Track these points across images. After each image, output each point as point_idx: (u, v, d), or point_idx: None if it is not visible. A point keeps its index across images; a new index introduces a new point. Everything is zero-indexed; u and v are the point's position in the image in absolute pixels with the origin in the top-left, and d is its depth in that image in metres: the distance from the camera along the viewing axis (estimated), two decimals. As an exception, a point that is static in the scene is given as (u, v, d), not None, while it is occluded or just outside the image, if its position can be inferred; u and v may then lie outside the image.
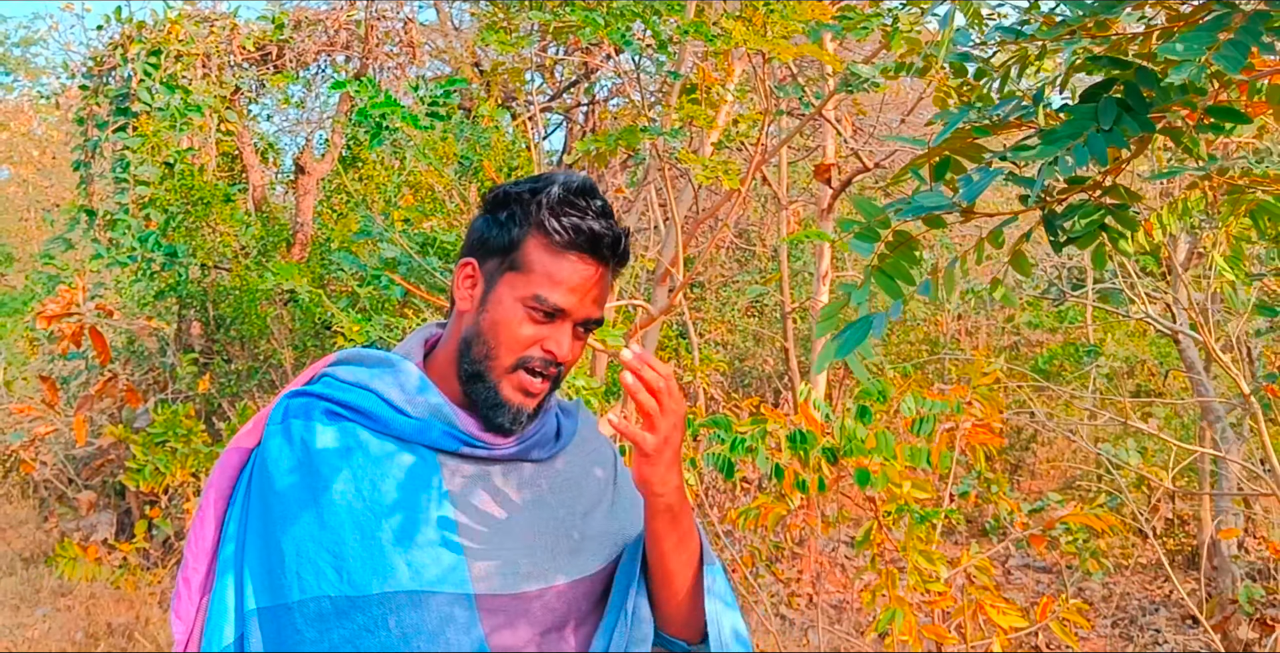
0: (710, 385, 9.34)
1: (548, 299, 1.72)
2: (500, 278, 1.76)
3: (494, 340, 1.75)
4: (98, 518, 8.84)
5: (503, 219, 1.76)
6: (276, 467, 1.74)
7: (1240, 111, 1.46)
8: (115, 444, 8.60)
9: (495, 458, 1.79)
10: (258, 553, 1.73)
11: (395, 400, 1.75)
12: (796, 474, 3.69)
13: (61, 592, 8.16)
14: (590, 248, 1.75)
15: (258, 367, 8.81)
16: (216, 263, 8.80)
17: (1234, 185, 1.91)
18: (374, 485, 1.69)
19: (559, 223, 1.73)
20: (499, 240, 1.76)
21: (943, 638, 4.39)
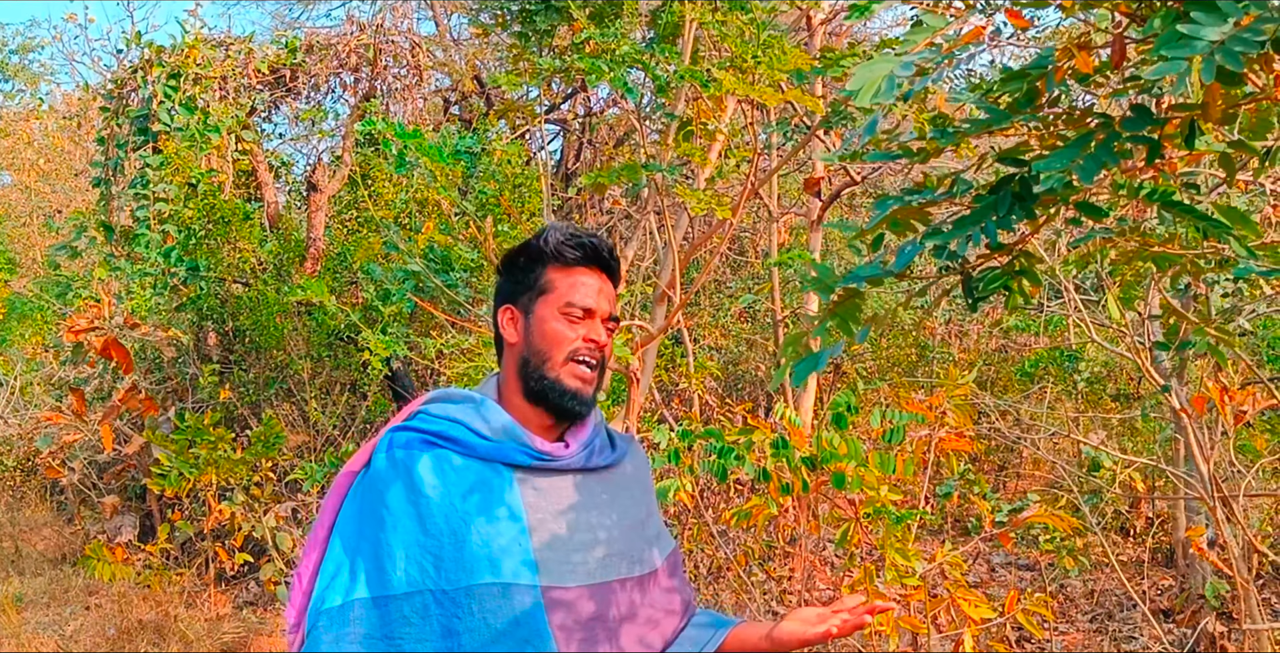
0: (705, 391, 9.71)
1: (577, 303, 2.26)
2: (534, 306, 2.28)
3: (546, 346, 2.27)
4: (121, 521, 9.24)
5: (520, 266, 2.31)
6: (386, 486, 2.19)
7: (1099, 208, 1.90)
8: (138, 451, 9.01)
9: (561, 469, 2.27)
10: (368, 552, 2.17)
11: (476, 427, 2.23)
12: (781, 479, 4.13)
13: (90, 591, 8.57)
14: (593, 259, 2.30)
15: (274, 376, 9.22)
16: (235, 278, 9.22)
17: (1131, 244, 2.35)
18: (464, 498, 2.15)
19: (566, 249, 2.27)
20: (524, 283, 2.30)
21: (918, 629, 4.81)
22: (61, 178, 21.56)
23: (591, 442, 2.34)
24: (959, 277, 2.14)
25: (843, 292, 2.16)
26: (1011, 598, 5.08)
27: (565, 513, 2.24)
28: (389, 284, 5.81)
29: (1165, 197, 2.03)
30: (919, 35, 1.92)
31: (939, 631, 5.77)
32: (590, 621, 2.21)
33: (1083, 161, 1.78)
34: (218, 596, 8.27)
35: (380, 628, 2.13)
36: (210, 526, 8.00)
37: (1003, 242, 2.14)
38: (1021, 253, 2.17)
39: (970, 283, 2.12)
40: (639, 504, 2.41)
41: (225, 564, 7.97)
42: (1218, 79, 1.69)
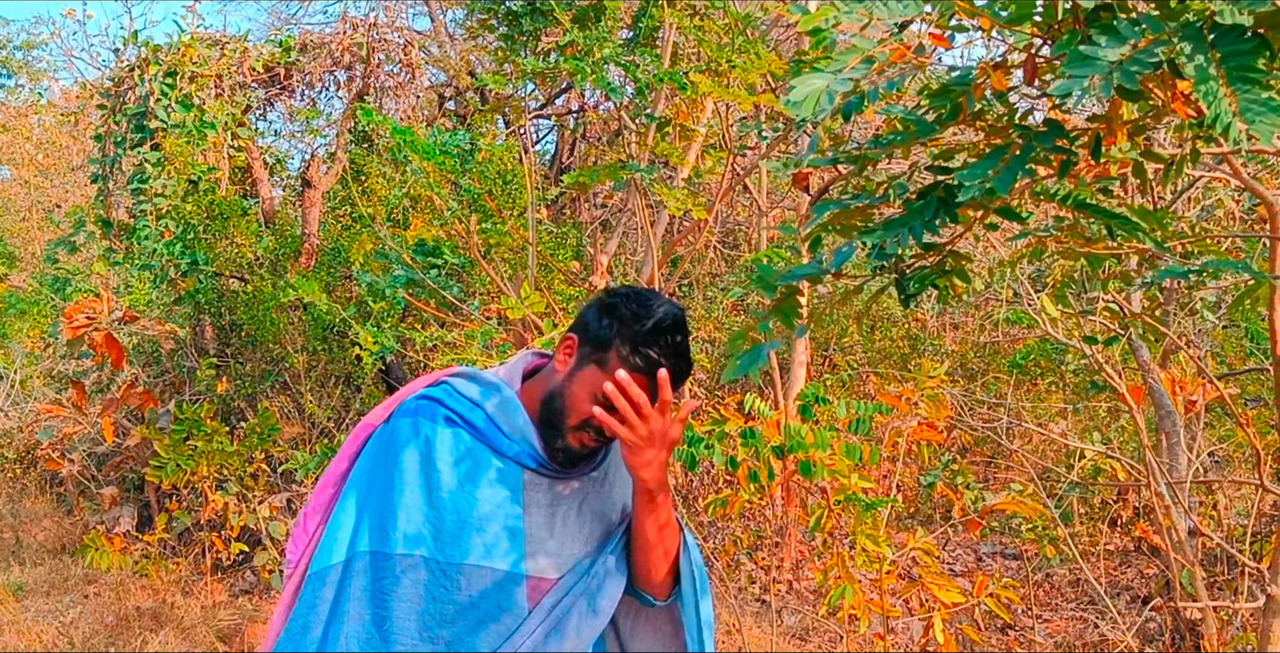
0: (694, 384, 9.86)
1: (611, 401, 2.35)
2: (588, 364, 2.36)
3: (567, 407, 2.37)
4: (119, 512, 9.41)
5: (605, 323, 2.36)
6: (403, 449, 2.36)
7: (1016, 212, 2.07)
8: (137, 444, 9.17)
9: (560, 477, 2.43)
10: (375, 508, 2.35)
11: (498, 421, 2.39)
12: (750, 467, 4.29)
13: (89, 580, 8.74)
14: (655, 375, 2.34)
15: (270, 369, 9.39)
16: (232, 273, 9.38)
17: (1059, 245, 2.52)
18: (473, 482, 2.33)
19: (638, 355, 2.32)
20: (597, 335, 2.37)
21: (890, 612, 4.97)
22: (60, 173, 21.68)
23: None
24: (893, 275, 2.31)
25: (784, 289, 2.33)
26: (981, 583, 5.22)
27: (559, 512, 2.43)
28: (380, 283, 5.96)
29: (1078, 200, 2.19)
30: (848, 55, 2.09)
31: (911, 614, 5.95)
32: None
33: (999, 173, 1.95)
34: (214, 584, 8.43)
35: (374, 582, 2.31)
36: (207, 516, 8.16)
37: (932, 243, 2.30)
38: (950, 253, 2.34)
39: (902, 281, 2.29)
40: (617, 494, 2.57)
41: (221, 554, 8.13)
42: (1118, 95, 1.86)
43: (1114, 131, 2.03)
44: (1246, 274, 2.71)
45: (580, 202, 12.63)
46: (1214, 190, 7.19)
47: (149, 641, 7.17)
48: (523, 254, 8.16)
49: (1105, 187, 2.33)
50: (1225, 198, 6.45)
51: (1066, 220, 2.73)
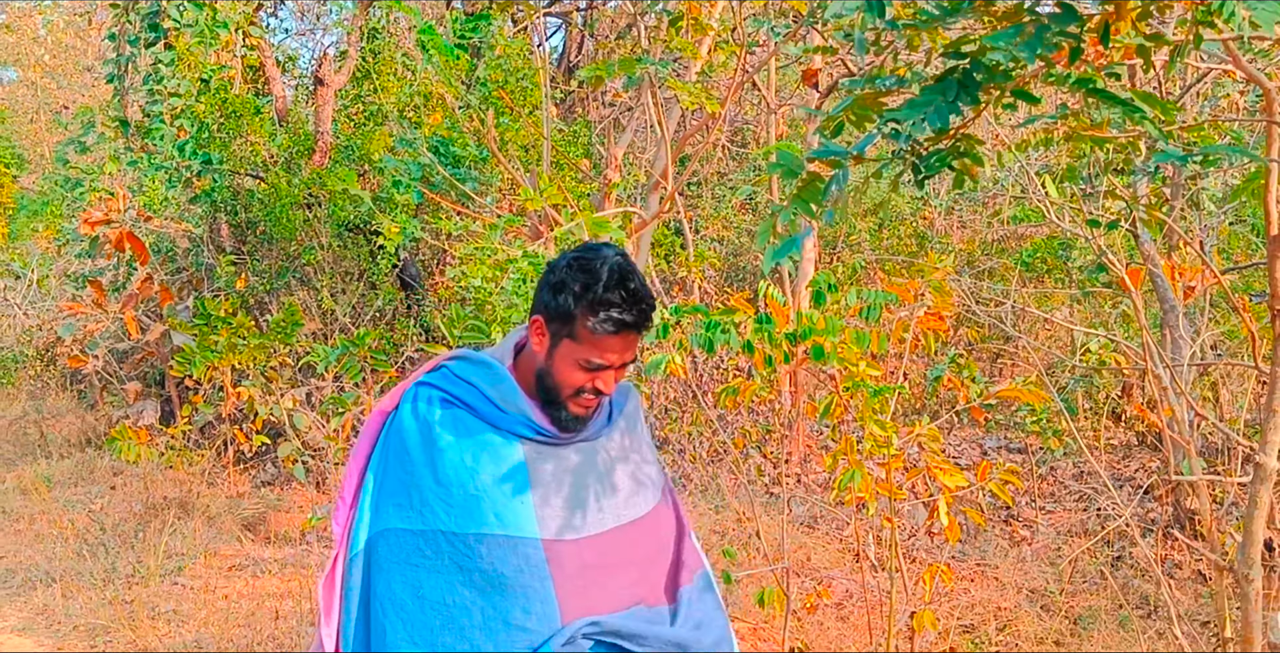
0: (704, 280, 9.98)
1: (594, 361, 2.47)
2: (560, 341, 2.49)
3: (558, 382, 2.51)
4: (142, 406, 9.61)
5: (561, 300, 2.48)
6: (408, 434, 2.53)
7: (1031, 94, 2.18)
8: (158, 339, 9.33)
9: (563, 443, 2.57)
10: (393, 491, 2.53)
11: (492, 397, 2.52)
12: (765, 353, 4.43)
13: (115, 472, 8.96)
14: (626, 328, 2.48)
15: (287, 266, 9.52)
16: (247, 171, 9.47)
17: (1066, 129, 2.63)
18: (475, 458, 2.48)
19: (599, 319, 2.44)
20: (558, 311, 2.48)
21: (895, 495, 5.14)
22: (68, 74, 21.62)
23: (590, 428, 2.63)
24: (910, 158, 2.42)
25: (806, 175, 2.45)
26: (984, 468, 5.38)
27: (564, 476, 2.57)
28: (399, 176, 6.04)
29: (1087, 84, 2.30)
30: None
31: (915, 497, 6.13)
32: (589, 568, 2.55)
33: (1025, 41, 2.05)
34: (237, 476, 8.65)
35: (400, 557, 2.49)
36: (228, 410, 8.35)
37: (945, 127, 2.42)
38: (964, 136, 2.45)
39: (918, 164, 2.40)
40: (631, 456, 2.71)
41: (244, 446, 8.33)
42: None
43: (1122, 16, 2.13)
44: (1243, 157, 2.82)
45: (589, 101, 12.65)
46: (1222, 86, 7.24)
47: (177, 528, 7.39)
48: (535, 151, 8.25)
49: (1112, 72, 2.43)
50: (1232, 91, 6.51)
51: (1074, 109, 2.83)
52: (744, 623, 6.27)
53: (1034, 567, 7.75)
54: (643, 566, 2.68)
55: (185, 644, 5.82)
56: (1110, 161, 3.35)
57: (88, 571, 6.80)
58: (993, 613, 6.91)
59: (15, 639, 6.01)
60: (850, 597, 6.93)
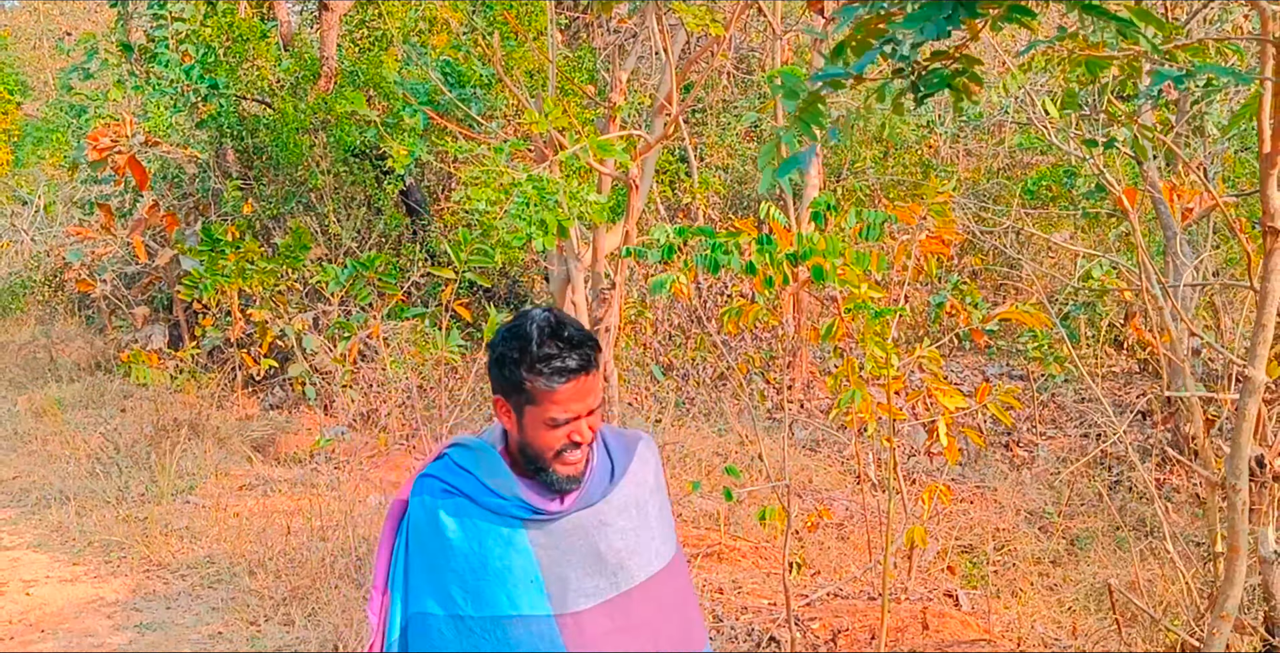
0: (708, 207, 10.02)
1: (559, 417, 2.52)
2: (524, 410, 2.55)
3: (536, 449, 2.57)
4: (151, 330, 9.69)
5: (505, 373, 2.54)
6: (420, 526, 2.65)
7: (1028, 8, 2.23)
8: (166, 263, 9.40)
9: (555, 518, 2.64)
10: (418, 577, 2.65)
11: (488, 484, 2.61)
12: (767, 274, 4.49)
13: (125, 395, 9.07)
14: (572, 375, 2.52)
15: (293, 191, 9.56)
16: (253, 96, 9.48)
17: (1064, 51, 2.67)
18: (481, 544, 2.59)
19: (545, 374, 2.50)
20: (510, 383, 2.55)
21: (895, 415, 5.21)
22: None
23: (586, 488, 2.67)
24: (910, 78, 2.47)
25: (807, 97, 2.50)
26: (983, 390, 5.45)
27: (571, 548, 2.64)
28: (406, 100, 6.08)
29: (1085, 3, 2.34)
30: None
31: (915, 418, 6.22)
32: (605, 634, 2.63)
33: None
34: (245, 399, 8.76)
35: (433, 635, 2.61)
36: (237, 334, 8.44)
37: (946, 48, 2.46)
38: (963, 56, 2.49)
39: (917, 85, 2.44)
40: (643, 512, 2.77)
41: (253, 370, 8.42)
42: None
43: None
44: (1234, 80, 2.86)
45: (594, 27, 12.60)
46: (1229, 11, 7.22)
47: (188, 449, 7.49)
48: (540, 76, 8.25)
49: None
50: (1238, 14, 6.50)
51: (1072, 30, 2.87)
52: (745, 542, 6.39)
53: (1033, 490, 7.86)
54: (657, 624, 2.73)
55: (198, 559, 5.94)
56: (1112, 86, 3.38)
57: (100, 490, 6.92)
58: (991, 534, 7.02)
59: (31, 555, 6.14)
60: (851, 518, 7.04)
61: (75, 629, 5.22)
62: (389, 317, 7.85)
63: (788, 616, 4.99)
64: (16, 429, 8.51)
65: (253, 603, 5.37)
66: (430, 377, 7.56)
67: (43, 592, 5.67)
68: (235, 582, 5.66)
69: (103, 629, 5.22)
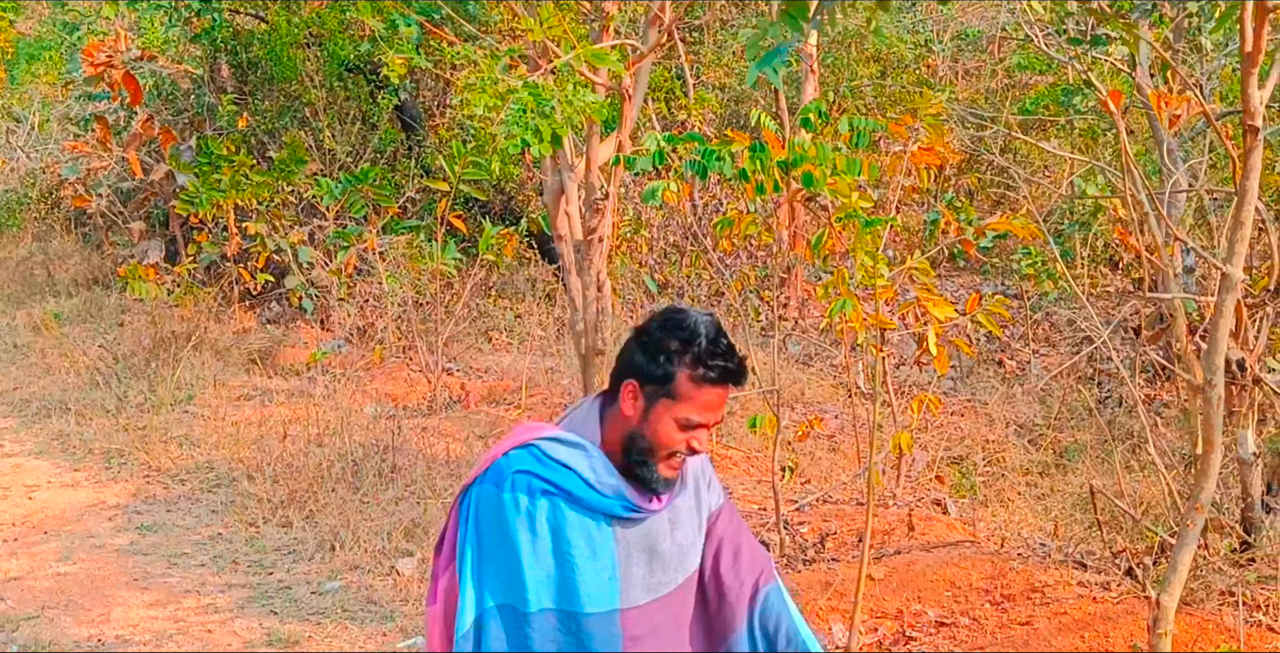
0: (704, 123, 10.01)
1: (695, 420, 2.53)
2: (658, 401, 2.54)
3: (655, 443, 2.57)
4: (147, 245, 9.71)
5: (660, 361, 2.53)
6: (511, 522, 2.62)
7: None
8: (162, 178, 9.40)
9: (648, 516, 2.68)
10: (496, 570, 2.65)
11: (590, 480, 2.61)
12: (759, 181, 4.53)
13: (122, 309, 9.12)
14: (730, 382, 2.54)
15: (288, 106, 9.54)
16: (247, 10, 9.43)
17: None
18: (570, 544, 2.60)
19: (708, 368, 2.50)
20: (656, 374, 2.54)
21: (884, 325, 5.27)
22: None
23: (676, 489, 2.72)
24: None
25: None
26: (973, 300, 5.49)
27: (644, 548, 2.69)
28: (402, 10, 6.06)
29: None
30: None
31: (906, 329, 6.28)
32: (658, 626, 2.71)
33: None
34: (243, 313, 8.80)
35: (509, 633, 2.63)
36: (233, 250, 8.46)
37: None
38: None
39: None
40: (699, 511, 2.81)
41: (249, 285, 8.45)
42: None
43: None
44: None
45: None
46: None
47: (186, 361, 7.56)
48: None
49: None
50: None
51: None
52: (738, 451, 6.49)
53: (1024, 405, 7.95)
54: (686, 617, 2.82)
55: (197, 465, 6.04)
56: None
57: (100, 400, 7.00)
58: (981, 445, 7.12)
59: (33, 462, 6.23)
60: (842, 430, 7.13)
61: (77, 531, 5.32)
62: (384, 231, 7.88)
63: (777, 520, 5.09)
64: (15, 343, 8.58)
65: (251, 506, 5.47)
66: (426, 290, 7.60)
67: (45, 496, 5.77)
68: (234, 486, 5.76)
69: (104, 531, 5.32)
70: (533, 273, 9.50)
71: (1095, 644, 3.94)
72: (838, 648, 4.17)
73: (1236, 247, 3.06)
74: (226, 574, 4.83)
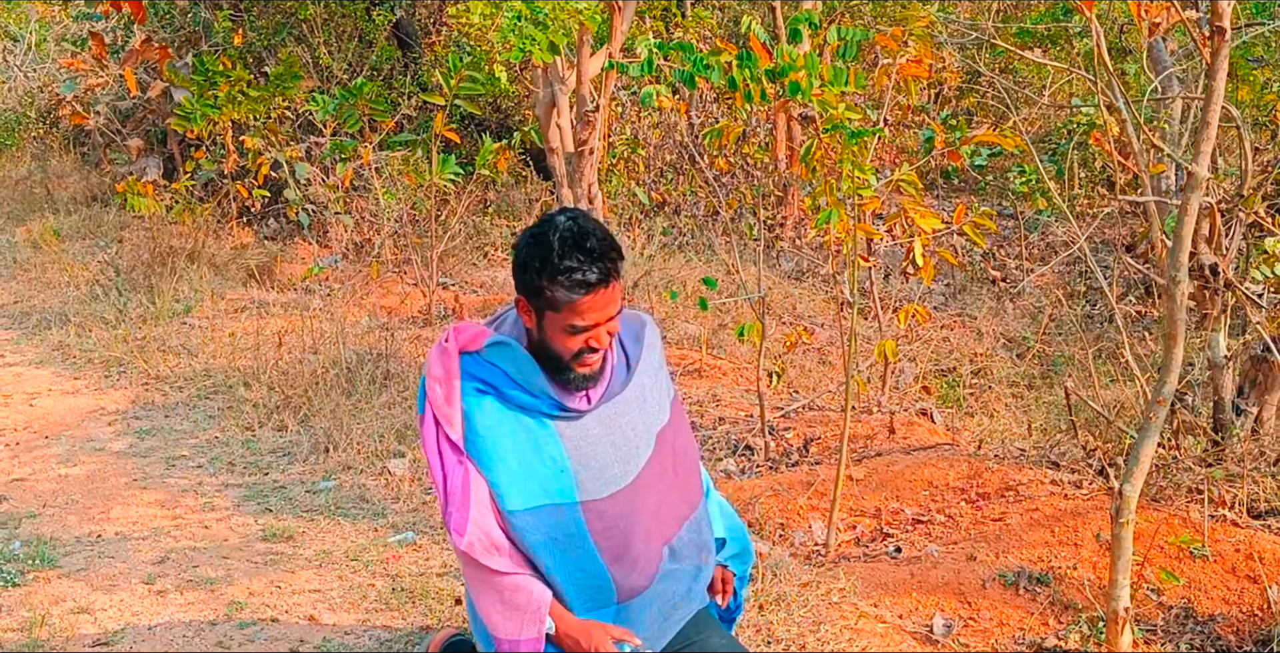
0: (700, 40, 10.01)
1: (578, 324, 2.63)
2: (544, 314, 2.65)
3: (555, 351, 2.68)
4: (145, 163, 9.75)
5: (528, 278, 2.63)
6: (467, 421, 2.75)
7: None
8: (159, 96, 9.42)
9: (579, 417, 2.79)
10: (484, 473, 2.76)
11: (518, 380, 2.73)
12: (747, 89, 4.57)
13: (121, 226, 9.19)
14: (592, 288, 2.61)
15: (284, 22, 9.54)
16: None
17: None
18: (514, 439, 2.73)
19: (565, 286, 2.58)
20: (532, 287, 2.64)
21: (871, 235, 5.33)
22: None
23: (609, 383, 2.83)
24: None
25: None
26: (960, 211, 5.55)
27: (596, 440, 2.80)
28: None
29: None
30: None
31: (893, 239, 6.35)
32: (625, 516, 2.83)
33: None
34: (241, 230, 8.87)
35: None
36: (230, 167, 8.50)
37: None
38: None
39: None
40: (653, 390, 2.95)
41: (247, 202, 8.51)
42: None
43: None
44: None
45: None
46: None
47: (185, 274, 7.64)
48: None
49: None
50: None
51: None
52: (727, 362, 6.58)
53: (1014, 319, 8.04)
54: (660, 490, 2.93)
55: (195, 373, 6.14)
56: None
57: (99, 312, 7.09)
58: (969, 358, 7.21)
59: (34, 371, 6.33)
60: (832, 343, 7.22)
61: (78, 435, 5.42)
62: (380, 147, 7.92)
63: (762, 426, 5.19)
64: (15, 258, 8.66)
65: (247, 411, 5.58)
66: (422, 206, 7.66)
67: (45, 403, 5.87)
68: (231, 393, 5.86)
69: (104, 435, 5.43)
70: (529, 191, 9.56)
71: (1065, 538, 4.06)
72: (818, 544, 4.29)
73: (1202, 146, 3.12)
74: (223, 475, 4.95)
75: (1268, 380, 4.50)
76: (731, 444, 5.22)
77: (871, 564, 4.11)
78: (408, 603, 3.82)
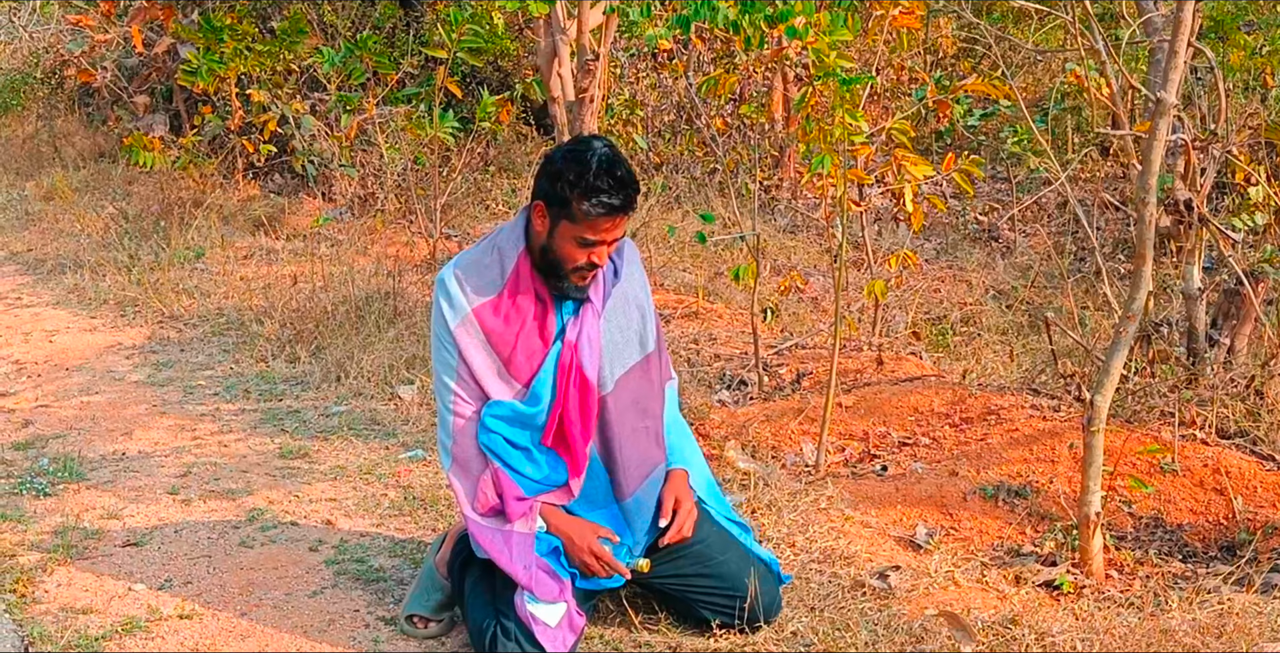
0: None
1: (589, 239, 2.95)
2: (559, 222, 2.97)
3: (559, 258, 3.01)
4: (152, 119, 9.91)
5: (558, 187, 2.94)
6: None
7: None
8: (165, 52, 9.58)
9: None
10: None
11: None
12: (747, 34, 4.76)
13: (129, 181, 9.35)
14: (615, 212, 2.94)
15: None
16: None
17: None
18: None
19: (590, 203, 2.91)
20: (556, 197, 2.95)
21: (863, 180, 5.53)
22: None
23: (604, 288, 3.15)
24: None
25: None
26: (949, 160, 5.74)
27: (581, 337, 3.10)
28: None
29: None
30: None
31: (884, 187, 6.54)
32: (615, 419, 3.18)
33: None
34: (247, 184, 9.04)
35: None
36: (237, 123, 8.66)
37: None
38: None
39: None
40: (638, 310, 3.25)
41: (253, 157, 8.67)
42: None
43: None
44: None
45: None
46: None
47: (194, 223, 7.82)
48: None
49: None
50: None
51: None
52: (723, 305, 6.78)
53: (1005, 273, 8.23)
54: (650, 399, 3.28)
55: (209, 311, 6.36)
56: None
57: (112, 258, 7.28)
58: (958, 307, 7.40)
59: (51, 311, 6.54)
60: (826, 292, 7.41)
61: (98, 367, 5.64)
62: (384, 103, 8.08)
63: (756, 361, 5.40)
64: (27, 210, 8.84)
65: (260, 345, 5.80)
66: (425, 160, 7.84)
67: (64, 339, 6.08)
68: (244, 329, 6.09)
69: (123, 368, 5.64)
70: (529, 149, 9.72)
71: (1042, 455, 4.28)
72: (808, 465, 4.50)
73: (1170, 74, 3.33)
74: (239, 402, 5.17)
75: (1239, 313, 4.71)
76: (726, 380, 5.43)
77: (859, 481, 4.34)
78: (419, 510, 4.06)
